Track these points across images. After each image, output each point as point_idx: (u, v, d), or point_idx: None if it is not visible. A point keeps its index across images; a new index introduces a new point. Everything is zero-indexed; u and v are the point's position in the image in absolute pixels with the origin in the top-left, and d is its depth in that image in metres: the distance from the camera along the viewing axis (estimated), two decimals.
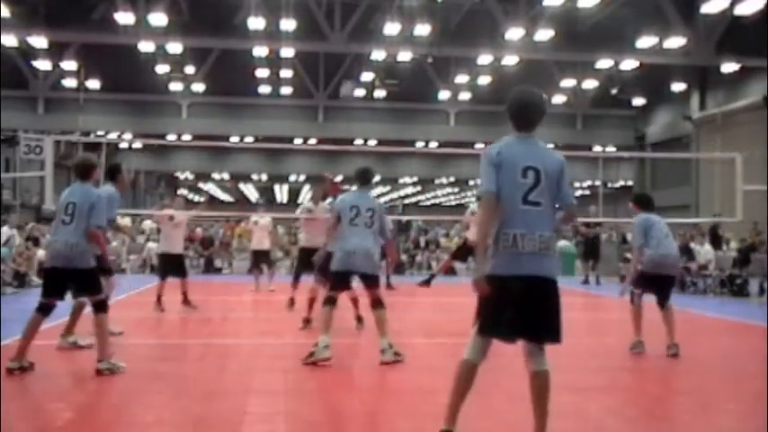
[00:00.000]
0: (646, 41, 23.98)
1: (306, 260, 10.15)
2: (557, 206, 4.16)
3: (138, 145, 39.87)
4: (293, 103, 34.80)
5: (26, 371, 6.22)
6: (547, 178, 4.03)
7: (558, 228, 4.42)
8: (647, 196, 8.43)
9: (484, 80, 30.69)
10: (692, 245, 16.96)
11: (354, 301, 9.31)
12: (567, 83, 31.65)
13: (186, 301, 11.44)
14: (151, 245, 20.97)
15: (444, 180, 49.43)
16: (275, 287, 14.66)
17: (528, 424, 5.10)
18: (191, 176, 51.11)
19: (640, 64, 26.15)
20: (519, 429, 4.99)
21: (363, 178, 7.44)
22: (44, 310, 6.36)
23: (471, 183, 52.82)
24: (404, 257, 23.48)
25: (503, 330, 4.04)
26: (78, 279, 6.34)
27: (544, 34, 23.71)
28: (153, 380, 6.32)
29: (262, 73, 30.21)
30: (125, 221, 21.27)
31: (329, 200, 10.70)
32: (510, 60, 26.44)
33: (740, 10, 20.99)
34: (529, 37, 23.78)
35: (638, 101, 33.10)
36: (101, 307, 6.37)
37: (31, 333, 6.30)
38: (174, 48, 26.41)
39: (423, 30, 24.17)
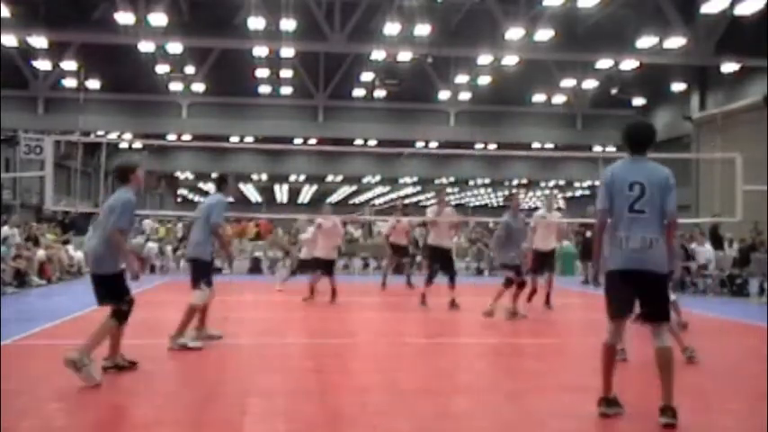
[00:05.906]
0: (646, 41, 23.95)
1: (437, 258, 12.01)
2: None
3: (138, 145, 39.85)
4: (293, 103, 34.78)
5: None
6: (651, 191, 4.90)
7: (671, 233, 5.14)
8: None
9: (484, 80, 30.68)
10: (693, 245, 16.94)
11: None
12: (567, 83, 31.63)
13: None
14: (150, 245, 20.88)
15: (444, 180, 49.43)
16: (282, 287, 14.54)
17: (524, 423, 5.11)
18: (191, 176, 51.11)
19: (640, 64, 26.12)
20: (515, 428, 5.00)
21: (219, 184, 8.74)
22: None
23: (471, 183, 52.86)
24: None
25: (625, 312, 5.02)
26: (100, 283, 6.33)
27: (544, 34, 23.69)
28: (153, 380, 6.32)
29: (262, 73, 30.19)
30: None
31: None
32: (510, 60, 26.44)
33: (740, 10, 20.97)
34: (529, 37, 23.76)
35: (638, 101, 33.06)
36: (117, 315, 6.27)
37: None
38: (174, 48, 26.41)
39: (423, 30, 24.15)
